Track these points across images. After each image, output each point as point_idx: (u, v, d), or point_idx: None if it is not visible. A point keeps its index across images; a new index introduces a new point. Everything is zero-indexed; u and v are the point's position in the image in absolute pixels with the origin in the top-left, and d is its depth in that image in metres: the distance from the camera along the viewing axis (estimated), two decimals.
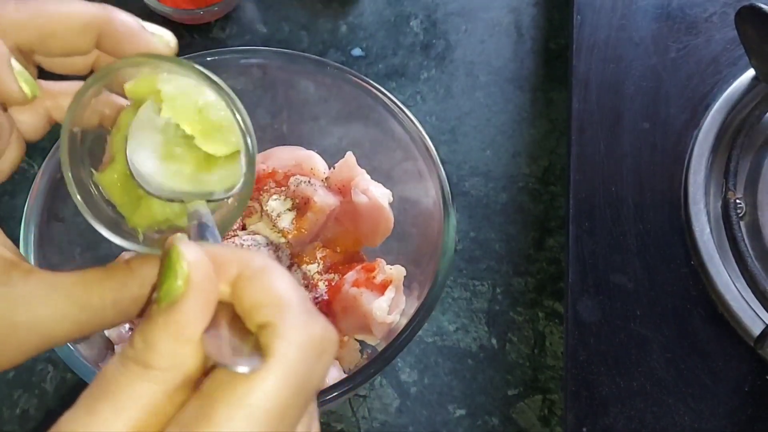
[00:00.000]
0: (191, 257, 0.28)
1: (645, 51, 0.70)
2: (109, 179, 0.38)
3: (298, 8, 0.82)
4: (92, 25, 0.34)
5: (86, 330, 0.33)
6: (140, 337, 0.28)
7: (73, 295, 0.33)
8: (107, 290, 0.34)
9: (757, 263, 0.59)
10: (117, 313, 0.34)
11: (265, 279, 0.29)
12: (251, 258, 0.30)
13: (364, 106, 0.61)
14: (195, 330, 0.28)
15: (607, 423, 0.56)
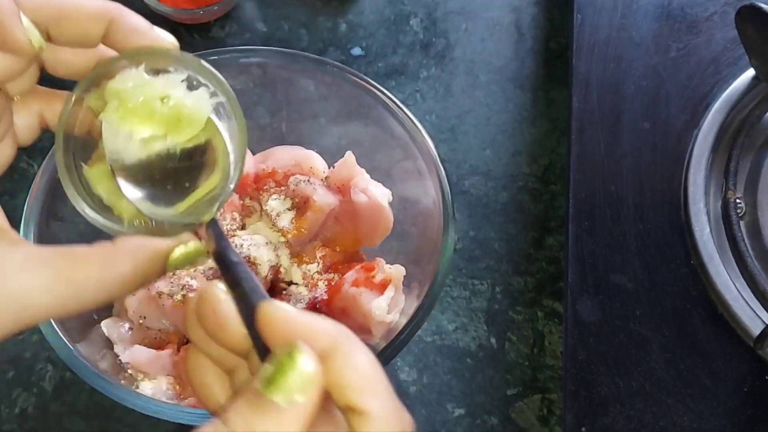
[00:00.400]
0: (313, 368, 0.29)
1: (645, 50, 0.70)
2: (96, 173, 0.39)
3: (298, 7, 0.82)
4: (105, 14, 0.35)
5: (68, 305, 0.34)
6: (242, 421, 0.29)
7: (58, 269, 0.33)
8: (92, 267, 0.34)
9: (757, 263, 0.59)
10: (100, 291, 0.34)
11: (356, 359, 0.30)
12: (341, 334, 0.31)
13: (363, 105, 0.61)
14: (303, 426, 0.29)
15: (607, 423, 0.56)
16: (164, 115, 0.40)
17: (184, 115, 0.40)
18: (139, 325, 0.57)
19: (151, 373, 0.56)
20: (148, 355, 0.55)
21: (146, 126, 0.40)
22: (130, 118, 0.40)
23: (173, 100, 0.40)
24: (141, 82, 0.39)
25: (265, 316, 0.31)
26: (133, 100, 0.39)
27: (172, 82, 0.41)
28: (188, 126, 0.41)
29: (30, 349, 0.65)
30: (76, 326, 0.55)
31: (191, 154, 0.42)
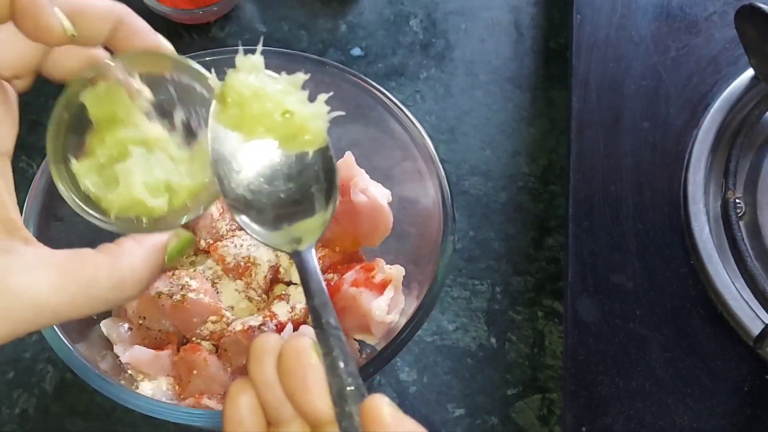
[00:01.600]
0: None
1: (645, 50, 0.70)
2: (85, 168, 0.40)
3: (298, 7, 0.82)
4: (115, 13, 0.36)
5: (79, 306, 0.34)
6: None
7: (68, 270, 0.34)
8: (100, 267, 0.34)
9: (757, 263, 0.59)
10: (110, 291, 0.35)
11: None
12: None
13: (363, 105, 0.61)
14: None
15: (606, 422, 0.56)
16: (283, 128, 0.40)
17: (302, 133, 0.40)
18: (138, 325, 0.57)
19: (151, 374, 0.56)
20: (148, 355, 0.55)
21: (262, 136, 0.39)
22: (247, 126, 0.39)
23: (296, 117, 0.40)
24: (261, 88, 0.39)
25: (372, 410, 0.31)
26: (252, 108, 0.39)
27: (294, 90, 0.40)
28: (304, 144, 0.41)
29: (30, 350, 0.65)
30: (76, 327, 0.55)
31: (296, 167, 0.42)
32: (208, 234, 0.59)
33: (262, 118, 0.39)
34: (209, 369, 0.55)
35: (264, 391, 0.34)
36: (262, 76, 0.40)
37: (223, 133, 0.39)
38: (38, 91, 0.83)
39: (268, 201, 0.41)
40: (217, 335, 0.57)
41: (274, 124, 0.39)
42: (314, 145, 0.41)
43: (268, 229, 0.40)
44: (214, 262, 0.59)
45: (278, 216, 0.41)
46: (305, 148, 0.41)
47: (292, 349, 0.33)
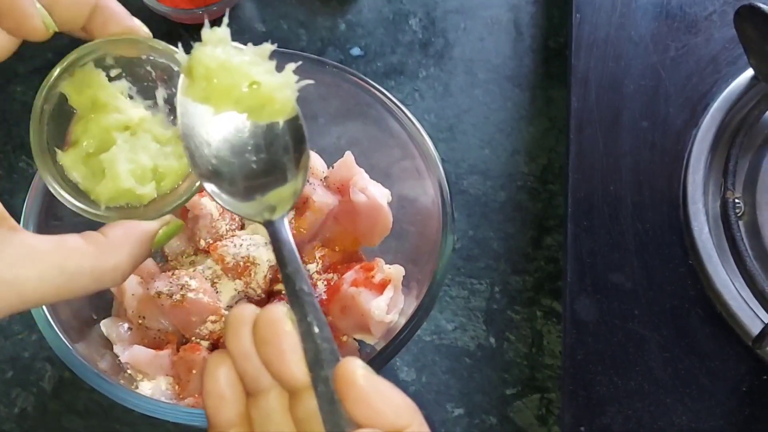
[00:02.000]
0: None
1: (644, 50, 0.70)
2: (71, 159, 0.40)
3: (297, 6, 0.82)
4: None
5: (63, 293, 0.34)
6: None
7: (54, 260, 0.34)
8: (85, 258, 0.35)
9: (756, 263, 0.59)
10: (93, 280, 0.35)
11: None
12: (414, 413, 0.31)
13: (362, 104, 0.61)
14: None
15: (605, 422, 0.56)
16: (250, 99, 0.40)
17: (271, 103, 0.40)
18: (138, 325, 0.57)
19: (151, 373, 0.56)
20: (148, 355, 0.55)
21: (230, 108, 0.39)
22: (215, 99, 0.39)
23: (263, 87, 0.40)
24: (228, 60, 0.39)
25: (345, 374, 0.31)
26: (219, 81, 0.39)
27: (260, 61, 0.40)
28: (273, 114, 0.41)
29: (29, 349, 0.65)
30: (75, 326, 0.55)
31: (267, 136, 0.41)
32: (207, 234, 0.59)
33: (229, 90, 0.39)
34: None
35: (241, 362, 0.34)
36: (229, 48, 0.39)
37: (192, 107, 0.39)
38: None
39: (239, 172, 0.40)
40: (217, 335, 0.57)
41: (241, 96, 0.39)
42: (283, 114, 0.41)
43: (240, 199, 0.40)
44: (213, 262, 0.59)
45: (250, 186, 0.40)
46: (274, 118, 0.41)
47: (267, 318, 0.33)
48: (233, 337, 0.34)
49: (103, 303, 0.60)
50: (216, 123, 0.40)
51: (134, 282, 0.58)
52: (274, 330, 0.33)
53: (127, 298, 0.57)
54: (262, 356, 0.33)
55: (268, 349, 0.33)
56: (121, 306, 0.59)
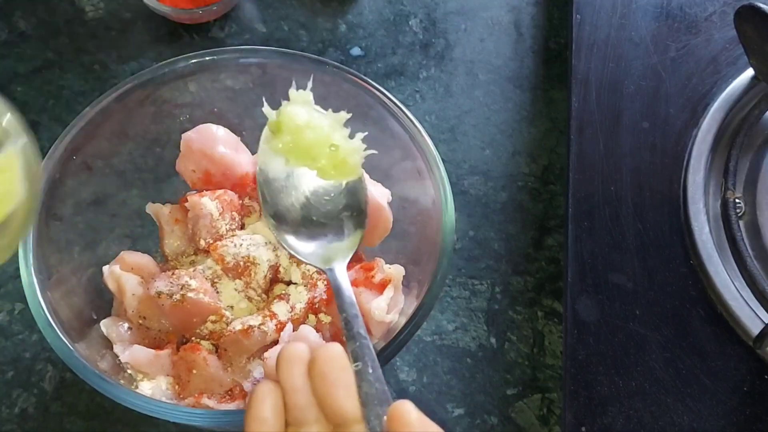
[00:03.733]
0: None
1: (644, 50, 0.70)
2: None
3: (297, 7, 0.82)
4: None
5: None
6: None
7: None
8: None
9: (756, 263, 0.59)
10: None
11: None
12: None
13: (363, 105, 0.61)
14: None
15: (606, 422, 0.56)
16: (327, 159, 0.44)
17: (343, 166, 0.45)
18: (138, 325, 0.57)
19: (151, 373, 0.56)
20: (148, 355, 0.55)
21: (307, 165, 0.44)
22: (296, 154, 0.44)
23: (340, 150, 0.44)
24: (312, 121, 0.43)
25: (401, 413, 0.34)
26: (303, 138, 0.43)
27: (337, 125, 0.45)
28: (342, 175, 0.46)
29: (30, 350, 0.65)
30: (75, 326, 0.55)
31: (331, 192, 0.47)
32: (207, 234, 0.59)
33: (311, 148, 0.43)
34: (209, 368, 0.55)
35: (291, 395, 0.36)
36: (312, 110, 0.44)
37: (271, 158, 0.44)
38: (38, 91, 0.83)
39: (306, 222, 0.46)
40: (217, 335, 0.57)
41: (320, 154, 0.44)
42: (351, 175, 0.46)
43: (303, 246, 0.46)
44: (213, 262, 0.59)
45: (313, 236, 0.46)
46: (343, 178, 0.46)
47: (327, 355, 0.36)
48: (287, 370, 0.37)
49: (103, 303, 0.60)
50: (291, 176, 0.45)
51: (134, 282, 0.58)
52: (332, 366, 0.36)
53: (127, 298, 0.57)
54: (317, 389, 0.36)
55: (325, 383, 0.36)
56: (121, 306, 0.58)
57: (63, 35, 0.81)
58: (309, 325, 0.58)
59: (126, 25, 0.82)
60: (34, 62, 0.79)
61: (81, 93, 0.77)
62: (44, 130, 0.75)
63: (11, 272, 0.68)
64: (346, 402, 0.36)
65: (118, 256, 0.60)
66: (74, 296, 0.57)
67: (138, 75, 0.60)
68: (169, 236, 0.62)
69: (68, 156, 0.57)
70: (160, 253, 0.63)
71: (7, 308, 0.67)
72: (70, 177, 0.58)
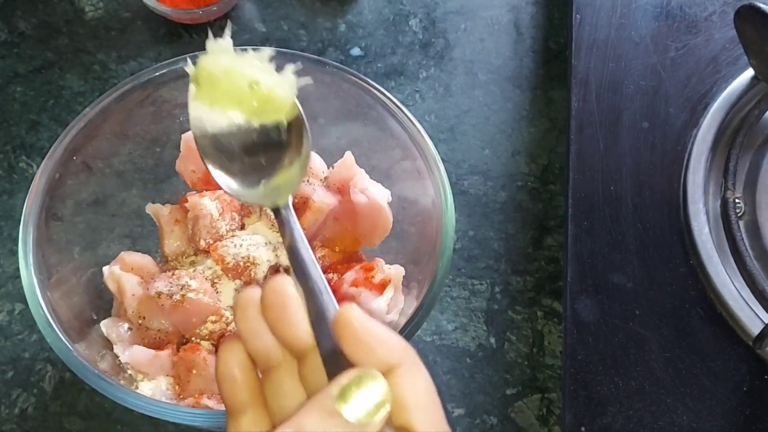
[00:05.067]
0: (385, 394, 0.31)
1: (644, 50, 0.70)
2: None
3: (297, 7, 0.82)
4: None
5: None
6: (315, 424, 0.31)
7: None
8: None
9: (756, 263, 0.59)
10: None
11: (419, 381, 0.32)
12: (409, 353, 0.33)
13: (362, 105, 0.61)
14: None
15: (606, 422, 0.56)
16: (252, 98, 0.43)
17: (271, 101, 0.44)
18: (138, 325, 0.57)
19: (151, 374, 0.56)
20: (148, 355, 0.55)
21: (235, 109, 0.43)
22: (221, 101, 0.43)
23: (262, 86, 0.43)
24: (230, 65, 0.43)
25: (343, 318, 0.32)
26: (223, 85, 0.43)
27: (260, 63, 0.44)
28: (274, 111, 0.44)
29: (29, 350, 0.65)
30: (75, 326, 0.55)
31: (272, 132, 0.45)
32: (207, 234, 0.59)
33: (233, 92, 0.43)
34: (209, 369, 0.55)
35: (252, 341, 0.35)
36: (231, 56, 0.43)
37: (201, 112, 0.43)
38: (38, 91, 0.83)
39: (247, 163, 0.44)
40: (217, 335, 0.57)
41: (244, 96, 0.43)
42: (283, 112, 0.44)
43: (248, 187, 0.44)
44: (213, 262, 0.59)
45: (257, 175, 0.44)
46: (276, 116, 0.44)
47: (272, 286, 0.35)
48: (242, 316, 0.35)
49: (103, 303, 0.60)
50: (224, 123, 0.44)
51: (134, 282, 0.58)
52: (279, 294, 0.34)
53: (127, 298, 0.57)
54: (269, 322, 0.35)
55: (275, 314, 0.34)
56: (121, 306, 0.58)
57: (63, 35, 0.81)
58: None
59: (126, 25, 0.82)
60: (34, 62, 0.79)
61: (81, 93, 0.77)
62: (44, 130, 0.75)
63: (11, 272, 0.68)
64: (296, 328, 0.34)
65: (118, 256, 0.60)
66: (74, 296, 0.57)
67: (138, 75, 0.60)
68: (169, 236, 0.62)
69: (68, 156, 0.57)
70: (160, 253, 0.63)
71: (7, 308, 0.67)
72: (70, 177, 0.58)
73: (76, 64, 0.79)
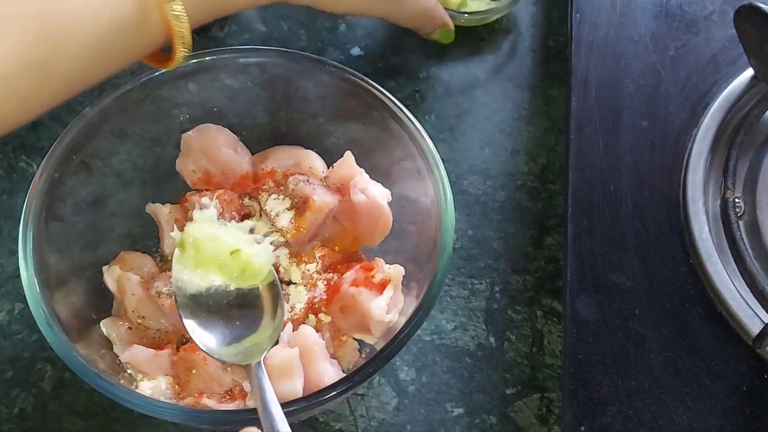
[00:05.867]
0: None
1: (644, 49, 0.70)
2: None
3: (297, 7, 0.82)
4: None
5: None
6: None
7: None
8: None
9: (756, 262, 0.59)
10: None
11: None
12: None
13: (362, 104, 0.61)
14: None
15: (605, 422, 0.56)
16: (232, 264, 0.49)
17: (250, 267, 0.50)
18: (138, 324, 0.57)
19: (150, 373, 0.56)
20: (147, 354, 0.55)
21: (216, 273, 0.49)
22: (203, 265, 0.49)
23: (242, 254, 0.50)
24: (213, 233, 0.49)
25: None
26: (207, 251, 0.49)
27: (242, 234, 0.51)
28: (252, 278, 0.50)
29: (29, 349, 0.65)
30: (75, 326, 0.55)
31: (248, 296, 0.51)
32: None
33: (214, 257, 0.49)
34: (208, 368, 0.55)
35: None
36: (216, 225, 0.50)
37: (184, 274, 0.49)
38: None
39: (223, 321, 0.50)
40: None
41: (225, 262, 0.49)
42: (260, 278, 0.51)
43: (222, 346, 0.49)
44: None
45: (232, 336, 0.50)
46: (253, 280, 0.50)
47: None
48: None
49: (103, 303, 0.60)
50: (204, 285, 0.50)
51: (134, 282, 0.58)
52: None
53: (127, 298, 0.57)
54: None
55: None
56: (121, 306, 0.58)
57: None
58: (309, 324, 0.58)
59: None
60: None
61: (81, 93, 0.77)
62: (44, 130, 0.74)
63: (11, 272, 0.68)
64: None
65: (118, 256, 0.60)
66: (74, 296, 0.57)
67: (137, 75, 0.60)
68: (169, 236, 0.62)
69: (68, 156, 0.57)
70: (160, 253, 0.63)
71: (6, 308, 0.67)
72: (70, 177, 0.58)
73: None
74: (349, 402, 0.63)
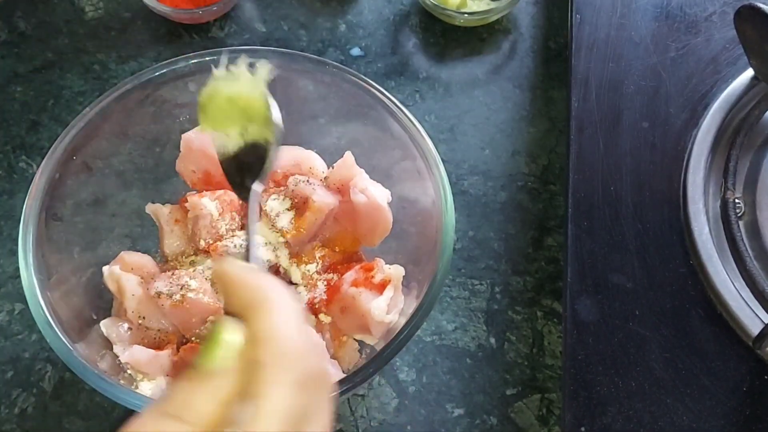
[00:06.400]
0: (237, 340, 0.33)
1: (644, 50, 0.70)
2: None
3: (297, 7, 0.82)
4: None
5: None
6: (180, 396, 0.33)
7: None
8: None
9: (756, 263, 0.59)
10: None
11: (269, 316, 0.33)
12: (269, 290, 0.34)
13: (363, 105, 0.61)
14: (231, 386, 0.32)
15: (606, 422, 0.56)
16: (235, 112, 0.48)
17: (247, 104, 0.48)
18: (138, 325, 0.57)
19: (151, 373, 0.56)
20: (148, 355, 0.55)
21: (229, 126, 0.48)
22: (216, 125, 0.48)
23: (234, 96, 0.48)
24: (214, 92, 0.48)
25: (216, 272, 0.37)
26: (210, 111, 0.48)
27: (237, 80, 0.49)
28: (253, 111, 0.49)
29: (29, 350, 0.65)
30: (75, 326, 0.55)
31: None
32: (207, 234, 0.59)
33: (219, 111, 0.48)
34: None
35: None
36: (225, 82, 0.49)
37: (216, 140, 0.49)
38: (38, 91, 0.83)
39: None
40: None
41: (227, 114, 0.48)
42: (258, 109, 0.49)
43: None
44: (213, 262, 0.59)
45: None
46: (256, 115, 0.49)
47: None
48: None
49: (103, 303, 0.60)
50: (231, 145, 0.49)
51: (134, 282, 0.58)
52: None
53: (127, 298, 0.57)
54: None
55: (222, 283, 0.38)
56: (121, 306, 0.58)
57: (63, 35, 0.81)
58: (309, 325, 0.58)
59: (125, 25, 0.82)
60: (34, 62, 0.79)
61: (81, 93, 0.77)
62: (44, 130, 0.75)
63: (11, 272, 0.68)
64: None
65: (118, 256, 0.60)
66: (74, 296, 0.57)
67: (138, 75, 0.60)
68: (169, 236, 0.62)
69: (68, 156, 0.57)
70: (160, 253, 0.63)
71: (7, 308, 0.67)
72: (70, 177, 0.58)
73: (76, 64, 0.79)
74: (349, 402, 0.63)
